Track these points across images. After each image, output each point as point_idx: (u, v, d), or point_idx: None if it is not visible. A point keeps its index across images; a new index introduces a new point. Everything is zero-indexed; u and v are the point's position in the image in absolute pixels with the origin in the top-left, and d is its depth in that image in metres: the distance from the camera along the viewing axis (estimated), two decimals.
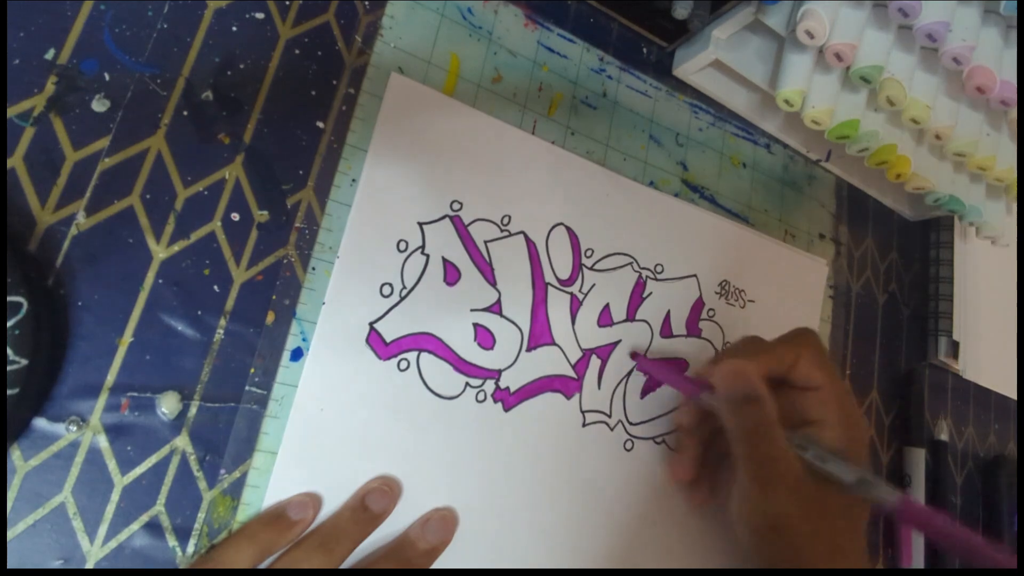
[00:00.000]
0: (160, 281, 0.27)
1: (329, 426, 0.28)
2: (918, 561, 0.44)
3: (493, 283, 0.33)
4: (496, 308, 0.33)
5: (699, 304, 0.39)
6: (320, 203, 0.30)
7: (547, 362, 0.34)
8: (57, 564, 0.24)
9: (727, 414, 0.30)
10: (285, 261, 0.29)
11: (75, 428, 0.25)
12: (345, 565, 0.27)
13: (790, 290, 0.43)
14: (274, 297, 0.29)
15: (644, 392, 0.36)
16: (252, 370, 0.28)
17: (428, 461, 0.30)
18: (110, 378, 0.26)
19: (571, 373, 0.34)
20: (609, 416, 0.35)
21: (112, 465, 0.25)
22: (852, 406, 0.31)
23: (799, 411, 0.31)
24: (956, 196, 0.43)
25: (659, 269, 0.38)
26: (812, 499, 0.28)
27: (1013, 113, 0.36)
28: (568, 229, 0.35)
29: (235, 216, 0.29)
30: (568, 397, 0.34)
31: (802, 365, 0.31)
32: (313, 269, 0.29)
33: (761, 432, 0.29)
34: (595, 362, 0.35)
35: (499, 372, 0.32)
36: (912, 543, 0.44)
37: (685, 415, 0.34)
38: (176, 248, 0.28)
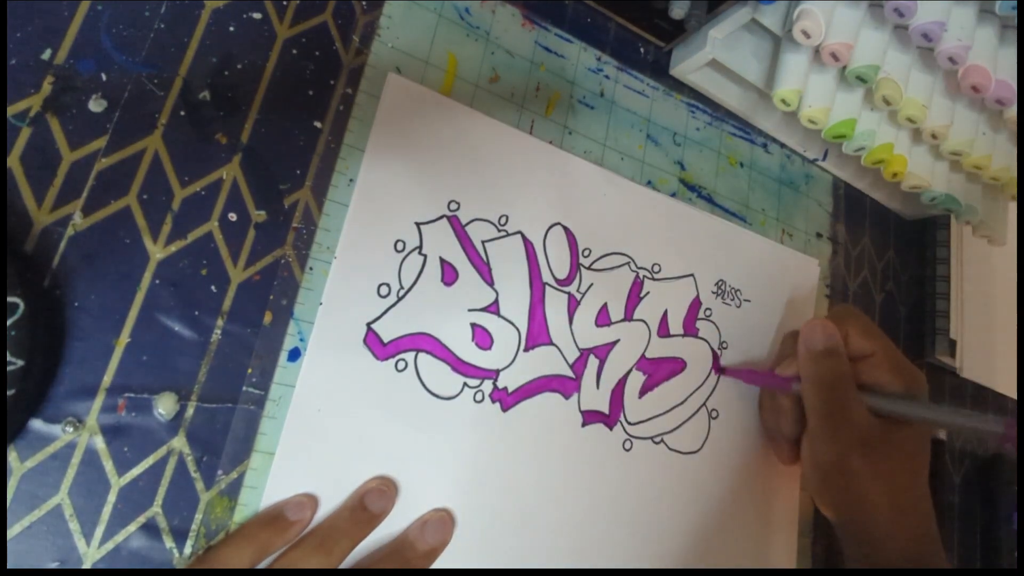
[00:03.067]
0: (157, 281, 0.27)
1: (327, 427, 0.28)
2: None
3: (491, 283, 0.33)
4: (494, 308, 0.33)
5: (696, 303, 0.39)
6: (318, 203, 0.30)
7: (545, 362, 0.34)
8: (53, 566, 0.24)
9: (806, 365, 0.34)
10: (283, 261, 0.29)
11: (72, 429, 0.25)
12: (344, 566, 0.27)
13: (785, 289, 0.43)
14: (272, 297, 0.29)
15: (643, 392, 0.36)
16: (249, 370, 0.28)
17: (426, 462, 0.30)
18: (107, 379, 0.26)
19: (569, 373, 0.34)
20: (608, 416, 0.35)
21: (109, 466, 0.25)
22: (905, 363, 0.34)
23: (858, 380, 0.34)
24: (952, 195, 0.43)
25: (656, 269, 0.38)
26: (876, 444, 0.32)
27: (1009, 112, 0.37)
28: (565, 229, 0.35)
29: (232, 216, 0.29)
30: (566, 397, 0.34)
31: (852, 338, 0.34)
32: (311, 269, 0.29)
33: (836, 382, 0.33)
34: (593, 362, 0.35)
35: (497, 372, 0.32)
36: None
37: (782, 402, 0.37)
38: (173, 248, 0.27)
